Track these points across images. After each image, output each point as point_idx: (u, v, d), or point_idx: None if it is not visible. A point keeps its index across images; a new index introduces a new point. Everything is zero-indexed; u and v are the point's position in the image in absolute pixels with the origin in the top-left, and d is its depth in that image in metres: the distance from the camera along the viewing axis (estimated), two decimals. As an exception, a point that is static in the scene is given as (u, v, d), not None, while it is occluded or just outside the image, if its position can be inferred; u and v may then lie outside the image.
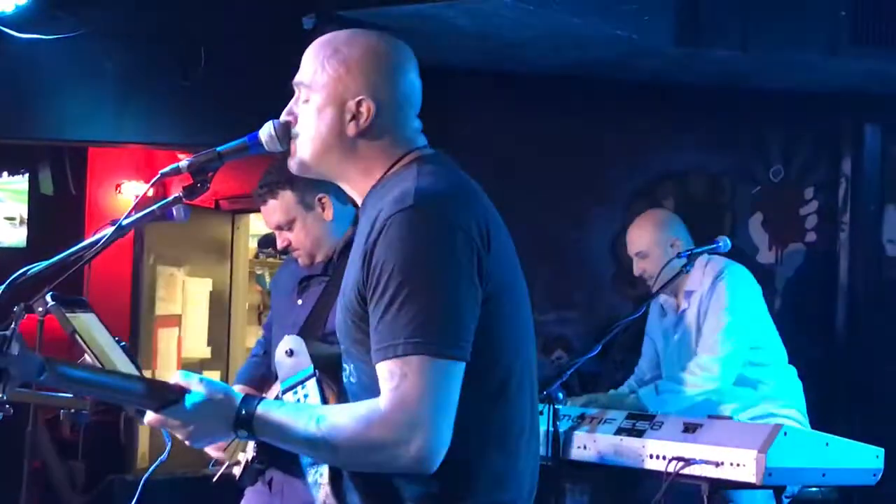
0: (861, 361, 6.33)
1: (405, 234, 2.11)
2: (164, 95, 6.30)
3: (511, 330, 2.22)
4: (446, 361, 2.07)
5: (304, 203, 3.92)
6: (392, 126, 2.33)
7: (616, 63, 6.06)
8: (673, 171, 6.75)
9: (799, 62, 5.90)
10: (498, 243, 2.20)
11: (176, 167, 2.44)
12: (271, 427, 2.14)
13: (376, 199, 2.25)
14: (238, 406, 2.15)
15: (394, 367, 2.06)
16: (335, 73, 2.31)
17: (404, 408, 2.05)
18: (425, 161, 2.29)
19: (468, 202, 2.21)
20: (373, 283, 2.12)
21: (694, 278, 4.93)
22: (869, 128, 6.53)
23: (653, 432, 4.19)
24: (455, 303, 2.10)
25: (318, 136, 2.32)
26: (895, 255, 6.51)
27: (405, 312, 2.07)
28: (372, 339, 2.12)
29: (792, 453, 3.94)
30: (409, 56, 2.38)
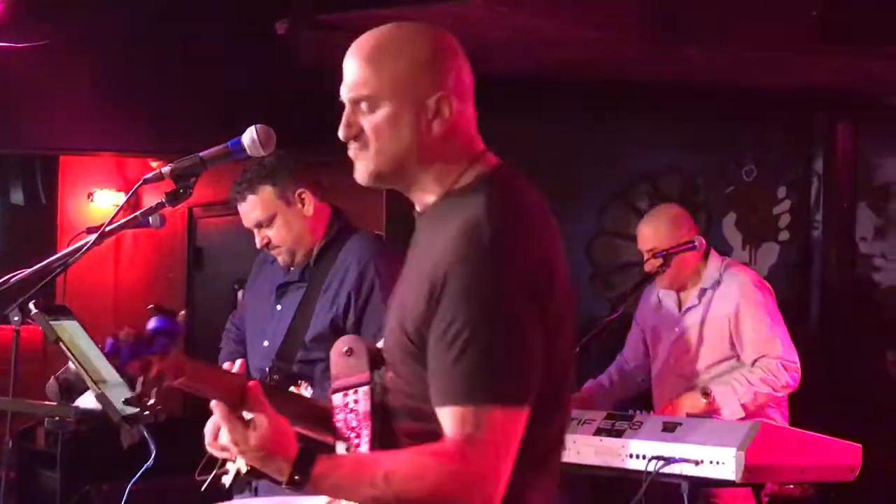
0: (836, 359, 6.37)
1: (479, 280, 2.07)
2: (136, 103, 6.27)
3: (556, 369, 2.20)
4: (516, 411, 2.07)
5: (285, 198, 3.90)
6: (466, 121, 2.26)
7: (589, 63, 6.08)
8: (647, 171, 6.77)
9: (770, 61, 5.93)
10: (559, 280, 2.18)
11: (158, 173, 2.43)
12: (329, 488, 2.14)
13: (444, 216, 2.20)
14: (292, 465, 2.11)
15: (466, 414, 2.04)
16: (405, 73, 2.19)
17: (479, 457, 2.04)
18: (493, 181, 2.23)
19: (537, 237, 2.17)
20: (443, 320, 2.09)
21: (707, 277, 4.91)
22: (840, 126, 6.56)
23: (632, 432, 4.20)
24: (526, 353, 2.09)
25: (400, 144, 2.21)
26: (868, 252, 6.55)
27: (478, 360, 2.05)
28: (438, 378, 2.10)
29: (770, 450, 3.96)
30: (456, 40, 2.29)
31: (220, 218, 8.32)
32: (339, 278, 3.84)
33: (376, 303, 3.76)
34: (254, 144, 2.37)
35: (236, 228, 7.90)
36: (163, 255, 8.89)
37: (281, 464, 2.12)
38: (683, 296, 5.02)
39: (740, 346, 4.77)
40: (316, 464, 2.11)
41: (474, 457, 2.04)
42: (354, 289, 3.78)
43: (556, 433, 2.25)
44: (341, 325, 3.79)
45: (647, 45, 5.66)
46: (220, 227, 8.41)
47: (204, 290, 8.63)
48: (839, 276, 6.55)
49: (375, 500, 2.08)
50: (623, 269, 6.64)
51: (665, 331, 5.04)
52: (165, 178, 2.43)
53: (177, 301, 8.68)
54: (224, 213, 8.13)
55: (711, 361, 4.84)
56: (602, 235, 6.74)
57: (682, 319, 4.97)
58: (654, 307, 5.12)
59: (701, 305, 4.91)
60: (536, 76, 6.34)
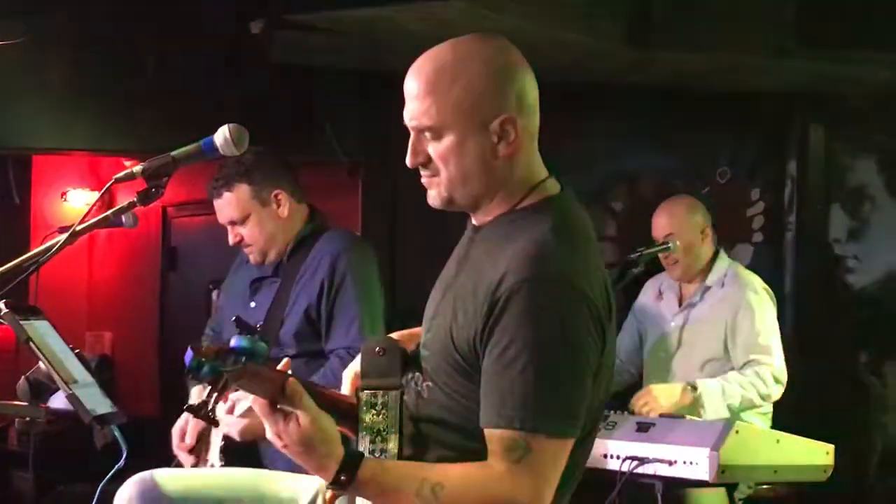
0: (810, 360, 6.39)
1: (543, 305, 2.06)
2: (110, 102, 6.24)
3: (599, 395, 2.22)
4: (565, 441, 2.10)
5: (260, 198, 3.89)
6: (532, 140, 2.25)
7: (566, 65, 6.08)
8: (623, 172, 6.78)
9: (745, 64, 5.95)
10: (614, 314, 2.19)
11: (130, 172, 2.43)
12: (374, 493, 2.13)
13: (503, 239, 2.19)
14: (338, 466, 2.11)
15: (518, 439, 2.05)
16: (466, 100, 2.16)
17: (527, 482, 2.05)
18: (557, 209, 2.22)
19: (595, 267, 2.18)
20: (500, 342, 2.08)
21: (713, 277, 4.91)
22: (814, 129, 6.59)
23: (606, 432, 4.20)
24: (580, 383, 2.10)
25: (467, 172, 2.20)
26: (842, 254, 6.57)
27: (535, 386, 2.05)
28: (490, 398, 2.09)
29: (744, 451, 3.97)
30: (517, 54, 2.26)
31: (194, 217, 8.29)
32: (312, 269, 3.84)
33: (349, 294, 3.76)
34: (226, 144, 2.37)
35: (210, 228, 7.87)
36: (136, 254, 8.85)
37: (325, 461, 2.11)
38: (686, 290, 5.01)
39: (733, 347, 4.78)
40: (363, 466, 2.11)
41: (521, 483, 2.05)
42: (327, 279, 3.78)
43: (581, 462, 2.26)
44: (314, 316, 3.79)
45: (624, 47, 5.67)
46: (194, 226, 8.38)
47: (178, 290, 8.60)
48: (813, 278, 6.57)
49: None
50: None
51: (662, 324, 5.03)
52: (137, 178, 2.42)
53: (150, 300, 8.64)
54: (198, 213, 8.11)
55: (703, 360, 4.84)
56: (577, 236, 6.73)
57: (681, 314, 4.96)
58: (654, 299, 5.11)
59: (701, 303, 4.91)
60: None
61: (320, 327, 3.78)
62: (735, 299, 4.82)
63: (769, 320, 4.80)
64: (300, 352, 3.78)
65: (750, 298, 4.80)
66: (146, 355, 8.57)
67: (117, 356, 8.78)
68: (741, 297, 4.80)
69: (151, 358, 8.54)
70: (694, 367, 4.82)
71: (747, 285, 4.85)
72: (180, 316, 8.42)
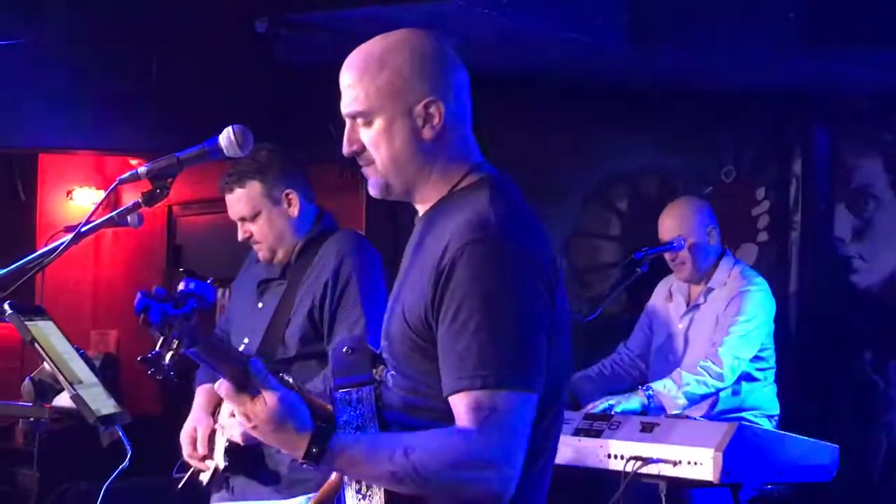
0: (814, 360, 6.39)
1: (488, 264, 2.10)
2: (116, 101, 6.25)
3: (559, 367, 2.23)
4: (530, 395, 2.11)
5: (271, 196, 3.90)
6: (460, 124, 2.31)
7: (567, 65, 6.08)
8: (625, 172, 6.78)
9: (748, 63, 5.94)
10: (562, 280, 2.22)
11: (135, 173, 2.43)
12: (347, 463, 2.14)
13: (445, 217, 2.23)
14: (309, 439, 2.12)
15: (482, 398, 2.07)
16: (391, 86, 2.25)
17: (497, 438, 2.07)
18: (495, 185, 2.27)
19: (539, 232, 2.22)
20: (450, 308, 2.11)
21: (717, 278, 4.92)
22: (818, 128, 6.58)
23: (610, 432, 4.21)
24: (536, 338, 2.12)
25: (397, 154, 2.27)
26: (846, 254, 6.57)
27: (491, 344, 2.07)
28: (450, 365, 2.11)
29: (748, 451, 3.98)
30: (446, 44, 2.34)
31: (199, 216, 8.30)
32: (317, 271, 3.85)
33: (353, 296, 3.77)
34: (230, 145, 2.37)
35: (216, 227, 7.93)
36: (142, 253, 8.86)
37: (296, 436, 2.13)
38: (693, 292, 5.02)
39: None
40: (333, 437, 2.13)
41: (491, 441, 2.07)
42: (331, 280, 3.78)
43: (553, 434, 2.27)
44: (317, 317, 3.79)
45: (626, 46, 5.67)
46: (199, 225, 8.40)
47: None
48: (817, 278, 6.57)
49: (394, 475, 2.10)
50: (601, 270, 6.65)
51: (669, 324, 5.04)
52: (142, 179, 2.42)
53: (156, 300, 8.64)
54: (203, 212, 8.12)
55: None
56: (580, 236, 6.75)
57: (687, 316, 4.98)
58: (664, 299, 5.13)
59: (705, 304, 4.92)
60: (515, 78, 6.34)
61: (323, 329, 3.78)
62: (728, 293, 4.84)
63: (753, 313, 4.79)
64: (304, 353, 3.79)
65: (741, 291, 4.82)
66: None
67: (122, 355, 8.80)
68: (735, 290, 4.83)
69: (156, 356, 8.54)
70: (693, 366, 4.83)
71: (745, 281, 4.86)
72: (185, 314, 8.43)
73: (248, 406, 2.14)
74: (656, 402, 4.60)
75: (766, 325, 4.86)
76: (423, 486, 2.10)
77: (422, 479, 2.08)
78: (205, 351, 2.11)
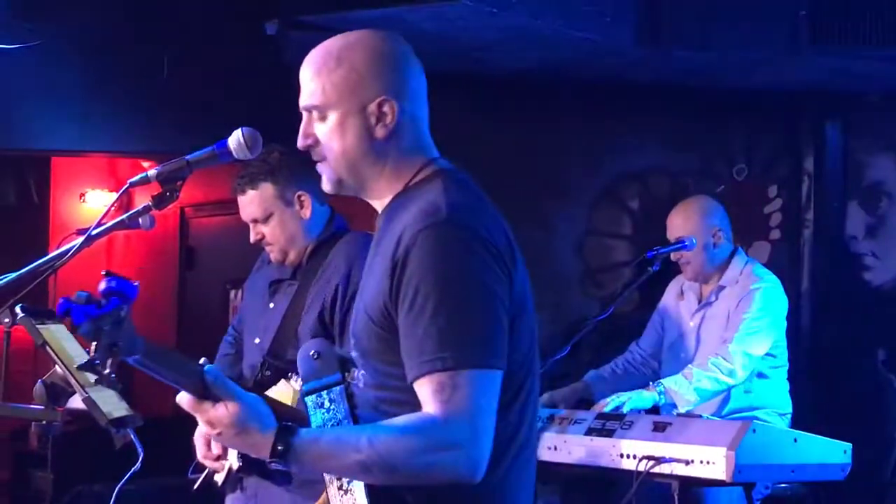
0: (827, 357, 6.37)
1: (441, 248, 2.12)
2: (128, 104, 6.27)
3: (524, 350, 2.24)
4: (493, 372, 2.11)
5: (284, 198, 3.90)
6: (414, 124, 2.33)
7: (578, 64, 6.08)
8: (636, 171, 6.77)
9: (759, 61, 5.94)
10: (520, 259, 2.23)
11: (144, 176, 2.43)
12: (314, 458, 2.13)
13: (401, 211, 2.25)
14: (274, 438, 2.12)
15: (444, 380, 2.07)
16: (347, 81, 2.27)
17: (461, 419, 2.07)
18: (448, 176, 2.29)
19: (494, 217, 2.23)
20: (407, 295, 2.12)
21: (728, 276, 4.91)
22: (830, 125, 6.57)
23: (623, 432, 4.21)
24: (494, 316, 2.12)
25: (348, 149, 2.29)
26: (859, 251, 6.56)
27: (449, 326, 2.08)
28: (410, 352, 2.12)
29: (761, 450, 3.97)
30: (407, 46, 2.37)
31: (211, 218, 8.33)
32: (328, 273, 3.85)
33: None
34: (240, 147, 2.38)
35: (228, 228, 7.95)
36: (155, 254, 8.89)
37: (260, 437, 2.12)
38: (705, 290, 5.01)
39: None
40: (298, 433, 2.12)
41: (456, 421, 2.07)
42: (342, 284, 3.78)
43: (520, 426, 2.25)
44: (328, 320, 3.79)
45: (636, 44, 5.66)
46: (211, 226, 8.42)
47: (196, 290, 8.64)
48: (830, 275, 6.56)
49: (361, 465, 2.09)
50: (613, 269, 6.65)
51: (681, 323, 5.03)
52: (152, 182, 2.43)
53: (168, 300, 8.68)
54: (216, 213, 8.14)
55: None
56: (592, 235, 6.74)
57: (698, 314, 4.97)
58: (676, 297, 5.12)
59: (716, 302, 4.91)
60: (526, 77, 6.34)
61: (333, 332, 3.78)
62: (740, 291, 4.83)
63: (764, 310, 4.78)
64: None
65: (752, 289, 4.81)
66: (164, 355, 8.59)
67: (135, 356, 8.82)
68: (746, 288, 4.82)
69: (169, 358, 8.56)
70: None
71: (759, 278, 4.85)
72: (198, 315, 8.45)
73: (210, 413, 2.13)
74: (667, 398, 4.60)
75: (778, 323, 4.85)
76: (391, 472, 2.09)
77: (389, 466, 2.08)
78: (149, 359, 2.08)
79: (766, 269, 4.99)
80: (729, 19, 5.68)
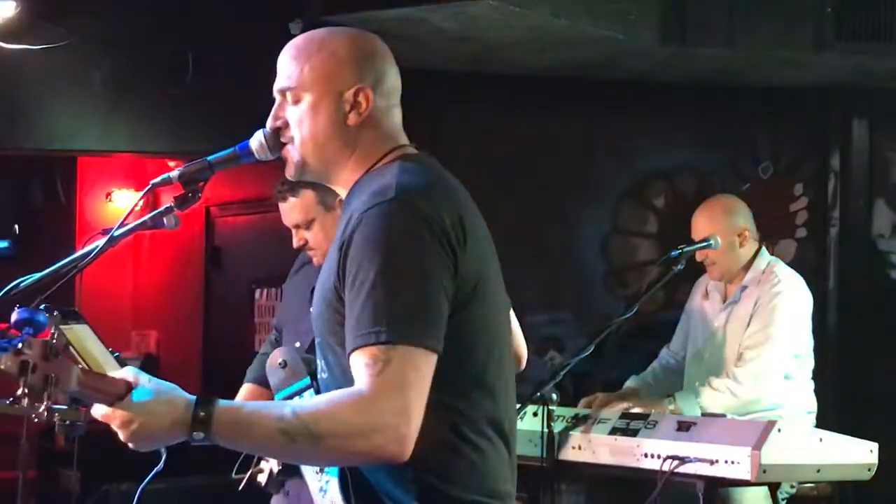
0: (853, 356, 6.34)
1: (382, 225, 2.12)
2: (153, 104, 6.30)
3: (484, 328, 2.23)
4: (425, 351, 2.09)
5: (325, 204, 3.93)
6: (385, 115, 2.34)
7: (603, 63, 6.07)
8: (662, 169, 6.76)
9: (785, 58, 5.91)
10: (474, 240, 2.21)
11: (167, 177, 2.44)
12: (236, 426, 2.09)
13: (358, 193, 2.26)
14: (193, 407, 2.08)
15: (377, 353, 2.06)
16: (326, 66, 2.30)
17: (390, 393, 2.04)
18: (407, 159, 2.30)
19: (446, 197, 2.22)
20: (350, 273, 2.13)
21: (751, 275, 4.87)
22: (856, 122, 6.54)
23: (647, 431, 4.20)
24: (432, 295, 2.11)
25: (318, 133, 2.31)
26: (886, 249, 6.52)
27: (385, 301, 2.08)
28: (349, 326, 2.11)
29: (786, 450, 3.95)
30: (386, 46, 2.40)
31: (237, 217, 8.34)
32: None
33: None
34: (262, 148, 2.38)
35: (253, 227, 7.96)
36: (181, 254, 8.91)
37: (180, 411, 2.08)
38: (730, 290, 4.98)
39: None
40: (218, 402, 2.10)
41: (387, 390, 2.05)
42: None
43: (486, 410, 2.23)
44: None
45: (661, 43, 5.65)
46: (237, 226, 8.43)
47: (221, 289, 8.65)
48: (856, 274, 6.53)
49: (284, 433, 2.05)
50: (638, 268, 6.63)
51: (706, 324, 4.99)
52: (174, 182, 2.44)
53: (194, 300, 8.70)
54: (241, 213, 8.16)
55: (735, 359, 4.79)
56: (617, 234, 6.73)
57: (723, 314, 4.93)
58: (701, 297, 5.08)
59: (740, 301, 4.87)
60: (551, 75, 6.34)
61: None
62: (760, 292, 4.79)
63: (785, 314, 4.73)
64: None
65: (774, 291, 4.76)
66: (191, 354, 8.63)
67: (162, 355, 8.85)
68: (766, 289, 4.78)
69: (195, 357, 8.60)
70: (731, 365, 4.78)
71: (779, 280, 4.80)
72: (224, 315, 8.47)
73: (116, 416, 2.10)
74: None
75: (800, 328, 4.78)
76: (314, 443, 2.05)
77: (313, 436, 2.04)
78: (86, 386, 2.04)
79: (789, 269, 4.94)
80: (754, 17, 5.66)
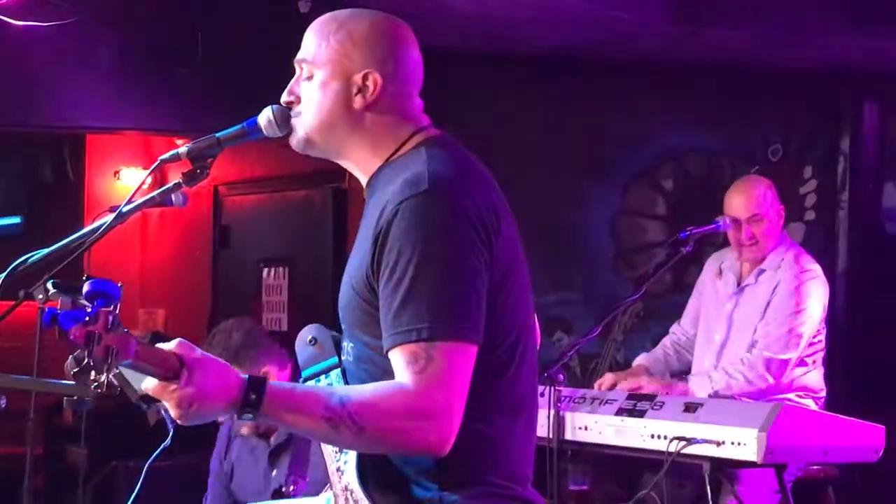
0: (861, 339, 6.34)
1: (421, 219, 2.12)
2: (162, 81, 6.29)
3: (514, 314, 2.24)
4: (467, 346, 2.11)
5: None
6: (398, 102, 2.34)
7: (613, 43, 6.06)
8: (671, 150, 6.75)
9: (796, 40, 5.90)
10: (507, 227, 2.23)
11: (175, 153, 2.43)
12: (284, 410, 2.11)
13: (385, 181, 2.26)
14: (245, 386, 2.09)
15: (418, 350, 2.08)
16: (340, 47, 2.31)
17: (434, 389, 2.07)
18: (433, 143, 2.29)
19: (479, 186, 2.23)
20: (388, 266, 2.13)
21: (771, 260, 4.81)
22: (867, 105, 6.52)
23: (654, 412, 4.20)
24: (472, 288, 2.12)
25: (323, 110, 2.32)
26: (894, 233, 6.51)
27: (425, 297, 2.09)
28: (387, 321, 2.13)
29: (793, 431, 3.95)
30: (411, 33, 2.39)
31: (245, 196, 8.34)
32: None
33: None
34: (270, 125, 2.37)
35: (262, 206, 7.96)
36: (189, 233, 8.92)
37: (227, 390, 2.08)
38: (745, 271, 4.93)
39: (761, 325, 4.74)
40: (270, 383, 2.11)
41: (430, 392, 2.07)
42: None
43: (514, 395, 2.25)
44: None
45: (671, 23, 5.63)
46: (245, 204, 8.43)
47: (230, 268, 8.66)
48: (865, 256, 6.52)
49: (329, 421, 2.08)
50: (646, 249, 6.63)
51: (717, 303, 4.97)
52: (183, 159, 2.43)
53: (203, 278, 8.71)
54: (249, 192, 8.16)
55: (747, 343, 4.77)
56: (626, 215, 6.73)
57: (735, 296, 4.89)
58: (714, 277, 5.04)
59: (755, 286, 4.83)
60: (561, 56, 6.33)
61: None
62: (780, 279, 4.76)
63: (799, 305, 4.70)
64: None
65: (791, 280, 4.72)
66: (198, 332, 8.62)
67: (170, 333, 8.85)
68: (789, 276, 4.74)
69: (203, 335, 8.59)
70: (739, 349, 4.77)
71: (799, 269, 4.76)
72: (232, 293, 8.48)
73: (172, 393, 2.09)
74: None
75: (816, 317, 4.76)
76: (358, 433, 2.08)
77: (357, 427, 2.07)
78: (140, 358, 2.05)
79: (809, 257, 4.88)
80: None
